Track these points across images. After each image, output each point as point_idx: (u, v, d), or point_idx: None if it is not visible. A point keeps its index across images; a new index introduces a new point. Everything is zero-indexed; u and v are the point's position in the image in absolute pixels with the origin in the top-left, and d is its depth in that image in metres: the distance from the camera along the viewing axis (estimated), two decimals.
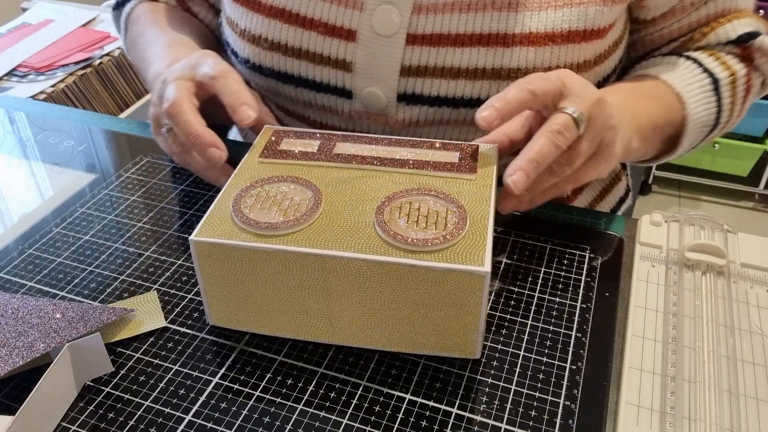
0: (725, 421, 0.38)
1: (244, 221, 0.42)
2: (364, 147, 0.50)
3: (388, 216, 0.43)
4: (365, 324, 0.43)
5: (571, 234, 0.55)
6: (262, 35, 0.60)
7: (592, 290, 0.49)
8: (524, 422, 0.40)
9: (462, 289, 0.40)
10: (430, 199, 0.44)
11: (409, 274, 0.40)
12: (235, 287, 0.43)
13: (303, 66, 0.60)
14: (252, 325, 0.45)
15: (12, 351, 0.41)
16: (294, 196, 0.45)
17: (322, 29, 0.58)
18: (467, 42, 0.56)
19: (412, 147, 0.50)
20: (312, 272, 0.41)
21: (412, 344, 0.43)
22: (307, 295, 0.42)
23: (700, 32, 0.62)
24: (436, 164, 0.47)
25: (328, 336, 0.44)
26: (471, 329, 0.42)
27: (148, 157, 0.65)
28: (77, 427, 0.40)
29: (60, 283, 0.50)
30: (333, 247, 0.40)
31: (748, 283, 0.47)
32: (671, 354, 0.42)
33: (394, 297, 0.41)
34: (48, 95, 1.16)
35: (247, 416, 0.40)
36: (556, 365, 0.43)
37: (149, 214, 0.57)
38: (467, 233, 0.41)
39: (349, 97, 0.60)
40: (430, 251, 0.40)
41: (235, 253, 0.41)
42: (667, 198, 2.16)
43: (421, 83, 0.58)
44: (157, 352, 0.45)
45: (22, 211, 0.58)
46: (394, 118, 0.60)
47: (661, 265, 0.49)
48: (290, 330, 0.44)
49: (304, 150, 0.50)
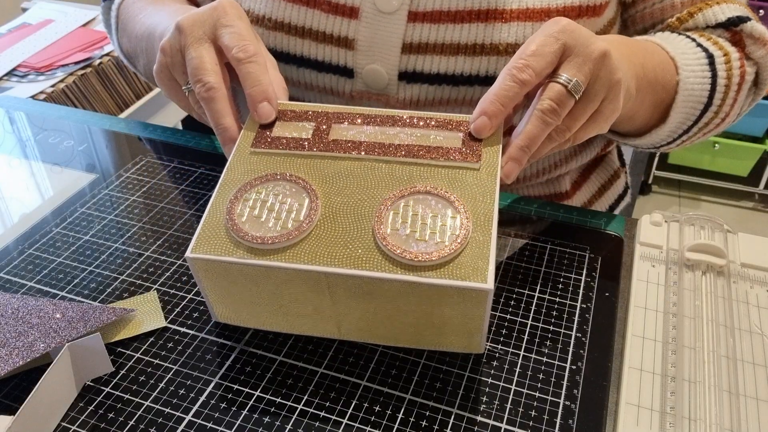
0: (725, 421, 0.38)
1: (240, 235, 0.41)
2: (360, 130, 0.47)
3: (388, 226, 0.41)
4: (370, 324, 0.43)
5: (571, 234, 0.55)
6: (266, 15, 0.61)
7: (592, 290, 0.49)
8: (524, 422, 0.40)
9: (465, 303, 0.40)
10: (432, 199, 0.42)
11: (411, 290, 0.39)
12: (238, 296, 0.43)
13: (306, 45, 0.60)
14: (256, 323, 0.45)
15: (12, 351, 0.41)
16: (289, 200, 0.43)
17: (325, 7, 0.59)
18: (466, 18, 0.56)
19: (411, 127, 0.47)
20: (315, 285, 0.41)
21: (416, 342, 0.43)
22: (311, 301, 0.42)
23: (688, 12, 0.62)
24: (437, 150, 0.45)
25: (334, 334, 0.44)
26: (475, 331, 0.42)
27: (148, 157, 0.65)
28: (77, 427, 0.40)
29: (60, 283, 0.50)
30: (332, 263, 0.40)
31: (748, 283, 0.47)
32: (671, 354, 0.42)
33: (398, 307, 0.41)
34: (48, 95, 1.16)
35: (247, 416, 0.40)
36: (556, 365, 0.43)
37: (149, 214, 0.57)
38: (470, 241, 0.40)
39: (350, 76, 0.61)
40: (432, 266, 0.39)
41: (234, 269, 0.41)
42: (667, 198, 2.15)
43: (422, 60, 0.58)
44: (157, 352, 0.45)
45: (22, 211, 0.58)
46: (395, 97, 0.60)
47: (661, 265, 0.49)
48: (297, 328, 0.45)
49: (298, 136, 0.47)
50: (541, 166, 0.67)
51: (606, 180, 0.75)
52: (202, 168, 0.63)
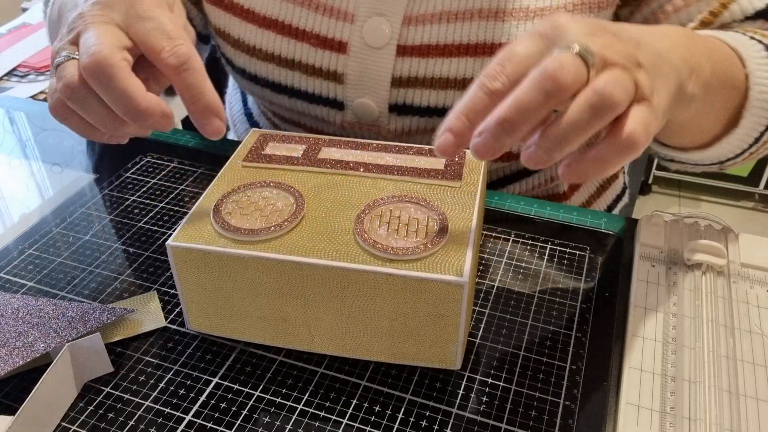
0: (725, 421, 0.38)
1: (224, 227, 0.41)
2: (349, 152, 0.49)
3: (368, 224, 0.42)
4: (344, 332, 0.42)
5: (571, 234, 0.55)
6: (256, 45, 0.61)
7: (592, 290, 0.49)
8: (524, 422, 0.40)
9: (440, 299, 0.39)
10: (411, 206, 0.43)
11: (387, 283, 0.39)
12: (213, 293, 0.42)
13: (296, 77, 0.61)
14: (230, 332, 0.44)
15: (12, 351, 0.41)
16: (276, 201, 0.44)
17: (314, 41, 0.58)
18: (455, 52, 0.56)
19: (398, 153, 0.49)
20: (289, 279, 0.40)
21: (391, 354, 0.42)
22: (285, 303, 0.41)
23: (720, 4, 0.54)
24: (420, 171, 0.46)
25: (306, 344, 0.43)
26: (450, 340, 0.41)
27: (148, 157, 0.65)
28: (77, 427, 0.40)
29: (60, 283, 0.50)
30: (311, 254, 0.40)
31: (748, 283, 0.47)
32: (671, 354, 0.42)
33: (373, 306, 0.40)
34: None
35: (247, 416, 0.40)
36: (556, 365, 0.43)
37: (149, 214, 0.57)
38: (448, 242, 0.40)
39: (341, 108, 0.61)
40: (409, 260, 0.39)
41: (213, 258, 0.41)
42: (667, 198, 2.15)
43: (412, 94, 0.58)
44: (157, 352, 0.45)
45: (22, 211, 0.58)
46: (386, 128, 0.61)
47: (661, 265, 0.49)
48: (268, 337, 0.44)
49: (288, 154, 0.49)
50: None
51: (604, 180, 0.75)
52: (202, 168, 0.63)
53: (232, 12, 0.61)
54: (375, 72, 0.58)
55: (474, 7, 0.55)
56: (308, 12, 0.58)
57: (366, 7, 0.57)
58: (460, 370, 0.43)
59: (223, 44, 0.65)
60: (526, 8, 0.55)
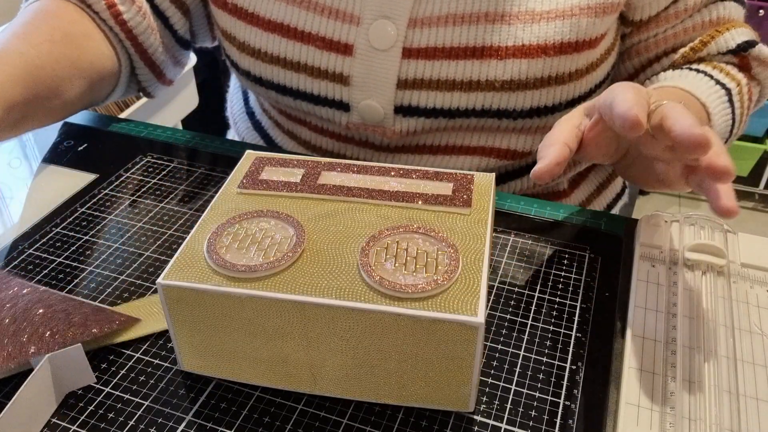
0: (725, 421, 0.38)
1: (219, 263, 0.38)
2: (350, 177, 0.46)
3: (374, 258, 0.39)
4: (349, 375, 0.39)
5: (571, 234, 0.55)
6: (261, 49, 0.61)
7: (592, 290, 0.49)
8: (524, 422, 0.40)
9: (453, 341, 0.36)
10: (419, 237, 0.40)
11: (396, 324, 0.36)
12: (208, 333, 0.40)
13: (301, 79, 0.61)
14: (226, 373, 0.41)
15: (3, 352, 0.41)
16: (275, 233, 0.41)
17: (319, 43, 0.59)
18: (461, 55, 0.56)
19: (402, 177, 0.46)
20: (290, 319, 0.37)
21: (400, 396, 0.39)
22: (286, 343, 0.39)
23: (701, 41, 0.62)
24: (427, 197, 0.44)
25: (308, 386, 0.40)
26: (464, 382, 0.38)
27: (148, 157, 0.65)
28: (77, 427, 0.40)
29: (60, 283, 0.50)
30: (313, 292, 0.37)
31: (748, 283, 0.47)
32: (671, 354, 0.42)
33: (380, 347, 0.37)
34: None
35: (247, 416, 0.40)
36: (556, 365, 0.43)
37: (149, 214, 0.57)
38: (459, 277, 0.38)
39: (346, 110, 0.61)
40: (419, 298, 0.36)
41: (207, 298, 0.38)
42: (667, 198, 2.15)
43: (417, 95, 0.58)
44: (157, 352, 0.45)
45: (22, 211, 0.58)
46: (391, 128, 0.61)
47: (661, 265, 0.49)
48: (267, 379, 0.41)
49: (286, 180, 0.46)
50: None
51: (604, 179, 0.75)
52: (202, 168, 0.63)
53: (237, 16, 0.62)
54: (381, 74, 0.58)
55: (480, 10, 0.55)
56: (314, 15, 0.58)
57: (371, 10, 0.57)
58: None
59: (228, 47, 0.65)
60: (531, 11, 0.55)
